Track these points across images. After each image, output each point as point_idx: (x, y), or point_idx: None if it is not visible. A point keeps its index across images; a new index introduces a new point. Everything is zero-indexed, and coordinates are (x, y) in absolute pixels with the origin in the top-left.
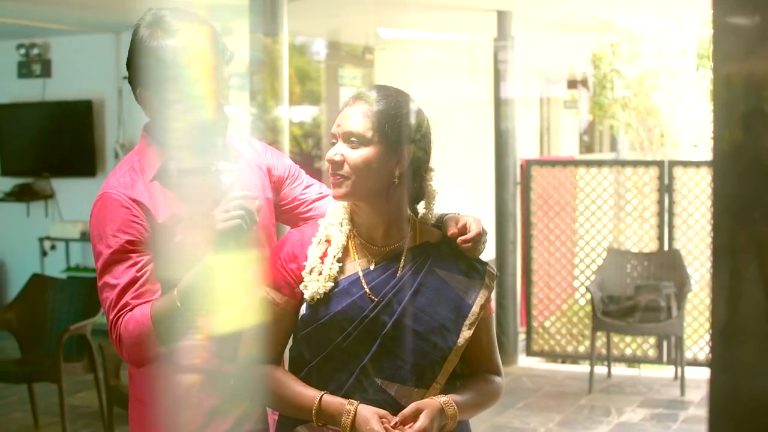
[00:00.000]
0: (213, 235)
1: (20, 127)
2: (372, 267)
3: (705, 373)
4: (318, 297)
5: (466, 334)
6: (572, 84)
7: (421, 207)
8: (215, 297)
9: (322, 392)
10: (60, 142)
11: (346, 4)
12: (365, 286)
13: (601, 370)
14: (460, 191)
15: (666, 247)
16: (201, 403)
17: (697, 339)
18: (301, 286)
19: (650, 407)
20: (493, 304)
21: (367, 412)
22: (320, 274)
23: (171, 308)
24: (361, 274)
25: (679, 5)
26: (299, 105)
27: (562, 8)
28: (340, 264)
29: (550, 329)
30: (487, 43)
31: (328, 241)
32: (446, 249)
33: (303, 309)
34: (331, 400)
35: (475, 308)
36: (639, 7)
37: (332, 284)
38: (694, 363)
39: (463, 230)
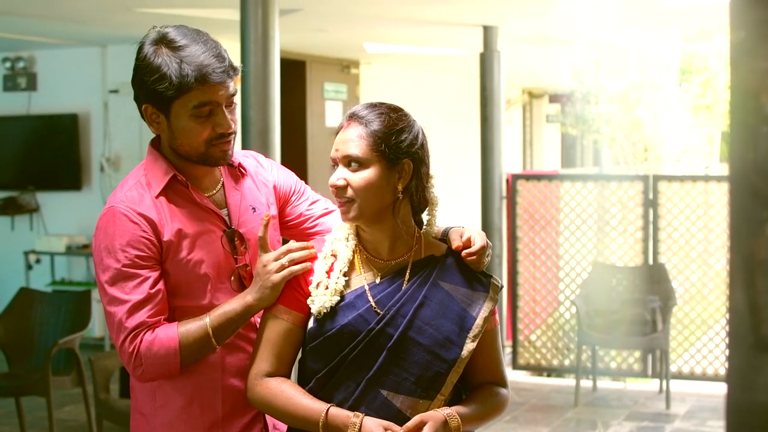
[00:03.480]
0: (264, 284)
1: (5, 141)
2: (378, 280)
3: (690, 386)
4: (324, 311)
5: (469, 346)
6: (555, 98)
7: (424, 215)
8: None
9: (329, 405)
10: (45, 155)
11: (333, 19)
12: (371, 300)
13: (586, 383)
14: (446, 205)
15: (651, 261)
16: (203, 416)
17: (682, 352)
18: (308, 301)
19: (636, 420)
20: (497, 316)
21: (372, 425)
22: (326, 288)
23: (202, 339)
24: (367, 287)
25: (662, 20)
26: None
27: (548, 23)
28: (346, 278)
29: (536, 343)
30: (472, 57)
31: (334, 256)
32: (451, 262)
33: (310, 322)
34: (337, 413)
35: (479, 321)
36: (623, 21)
37: (338, 298)
38: (679, 376)
39: (467, 244)
